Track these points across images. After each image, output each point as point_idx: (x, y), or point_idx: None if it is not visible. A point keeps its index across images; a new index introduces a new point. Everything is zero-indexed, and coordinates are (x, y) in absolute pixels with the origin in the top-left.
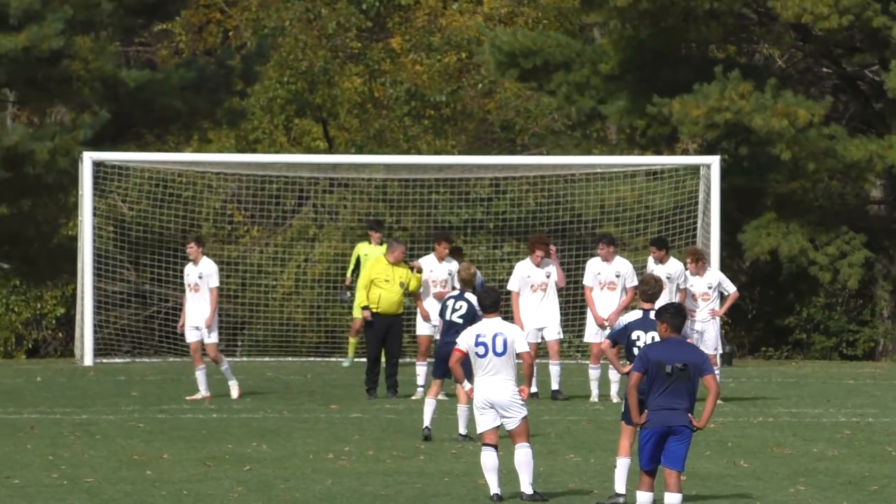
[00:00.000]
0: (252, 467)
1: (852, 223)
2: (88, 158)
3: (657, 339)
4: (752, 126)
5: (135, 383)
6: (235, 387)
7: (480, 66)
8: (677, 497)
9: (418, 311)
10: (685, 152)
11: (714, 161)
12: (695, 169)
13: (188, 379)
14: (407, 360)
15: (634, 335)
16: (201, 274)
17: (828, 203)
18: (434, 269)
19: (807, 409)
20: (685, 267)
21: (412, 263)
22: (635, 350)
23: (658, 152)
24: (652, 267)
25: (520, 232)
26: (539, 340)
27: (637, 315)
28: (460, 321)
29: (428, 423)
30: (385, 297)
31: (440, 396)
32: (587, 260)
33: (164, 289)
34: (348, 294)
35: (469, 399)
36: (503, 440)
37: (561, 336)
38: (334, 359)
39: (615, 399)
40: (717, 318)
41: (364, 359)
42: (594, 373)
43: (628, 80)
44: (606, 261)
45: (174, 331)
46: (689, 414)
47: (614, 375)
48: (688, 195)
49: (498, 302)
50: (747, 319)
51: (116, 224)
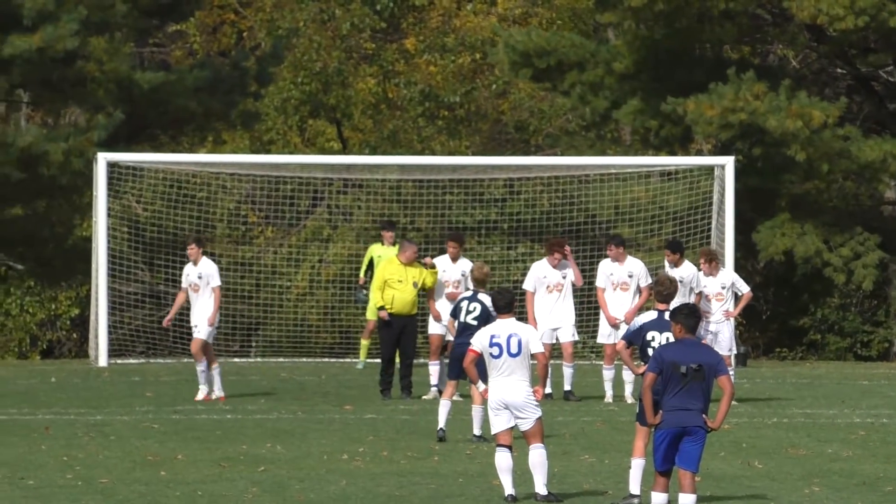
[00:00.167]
0: (266, 468)
1: (866, 224)
2: (103, 159)
3: (672, 340)
4: (767, 127)
5: (149, 384)
6: (203, 391)
7: (494, 67)
8: (692, 498)
9: (430, 311)
10: (699, 153)
11: (728, 162)
12: (709, 169)
13: None
14: (420, 361)
15: (649, 336)
16: (201, 274)
17: (842, 204)
18: (447, 269)
19: (821, 410)
20: (698, 268)
21: (424, 260)
22: (650, 351)
23: (672, 153)
24: (668, 270)
25: (534, 233)
26: (553, 341)
27: (652, 316)
28: (475, 323)
29: (443, 425)
30: (399, 298)
31: (455, 397)
32: (602, 261)
33: (179, 289)
34: (364, 293)
35: (483, 400)
36: (517, 441)
37: (576, 338)
38: (349, 360)
39: (629, 400)
40: (732, 319)
41: (377, 360)
42: (608, 374)
43: (642, 81)
44: (617, 261)
45: (189, 332)
46: (704, 415)
47: (629, 376)
48: (702, 196)
49: (512, 302)
50: (762, 320)
51: (131, 225)
